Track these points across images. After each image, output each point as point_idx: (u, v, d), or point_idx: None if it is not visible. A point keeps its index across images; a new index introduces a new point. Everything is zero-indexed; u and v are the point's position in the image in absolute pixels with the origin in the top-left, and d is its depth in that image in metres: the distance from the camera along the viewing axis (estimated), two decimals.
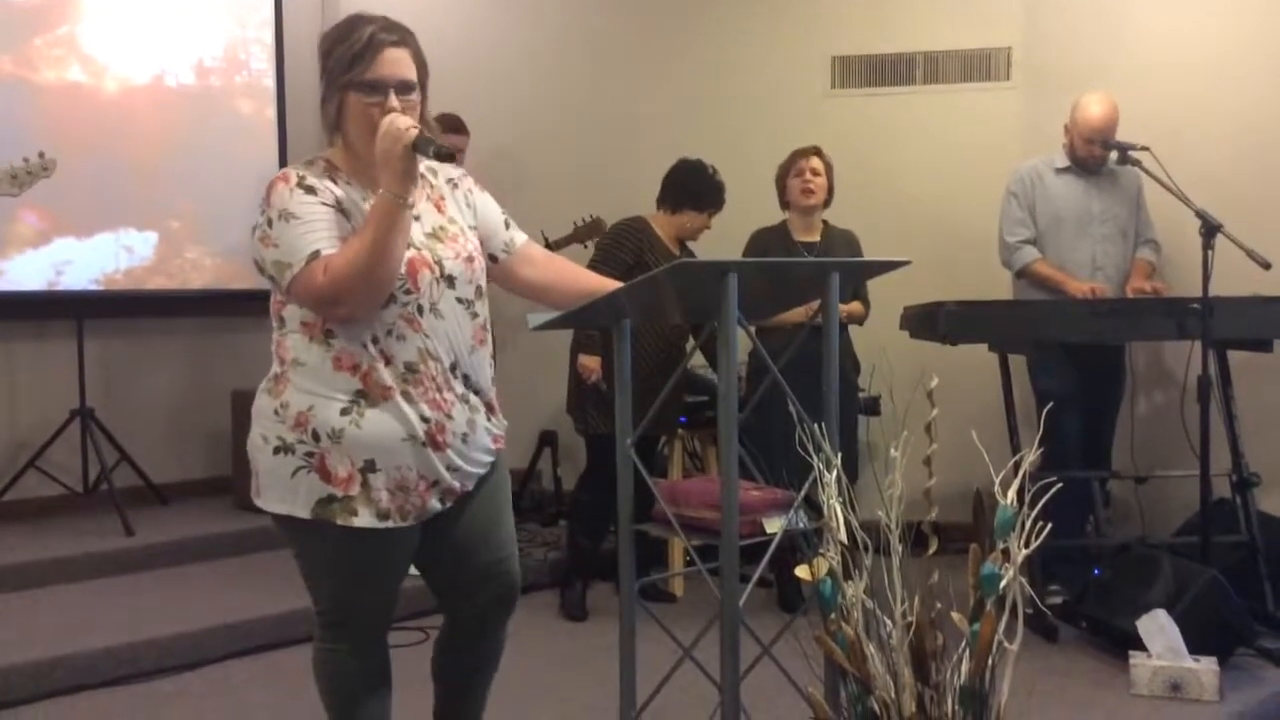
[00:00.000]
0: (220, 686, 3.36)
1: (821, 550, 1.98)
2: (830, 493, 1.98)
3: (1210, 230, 3.47)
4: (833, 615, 1.97)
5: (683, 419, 4.35)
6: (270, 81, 5.38)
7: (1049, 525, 1.86)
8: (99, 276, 4.85)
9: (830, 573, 1.96)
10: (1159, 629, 3.22)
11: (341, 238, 2.02)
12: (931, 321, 3.75)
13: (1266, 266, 3.53)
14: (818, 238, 4.11)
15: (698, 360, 4.35)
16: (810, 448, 2.03)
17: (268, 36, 5.38)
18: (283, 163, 5.38)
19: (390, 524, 2.08)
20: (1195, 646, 3.19)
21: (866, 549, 1.96)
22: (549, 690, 3.23)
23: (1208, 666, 3.15)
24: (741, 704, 2.08)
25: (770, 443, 2.79)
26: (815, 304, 3.21)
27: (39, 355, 4.80)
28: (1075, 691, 3.23)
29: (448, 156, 2.00)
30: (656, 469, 4.55)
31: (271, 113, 5.38)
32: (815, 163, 4.07)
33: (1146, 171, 3.80)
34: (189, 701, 3.24)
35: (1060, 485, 2.03)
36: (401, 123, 1.98)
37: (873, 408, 4.34)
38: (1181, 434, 3.83)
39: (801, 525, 2.24)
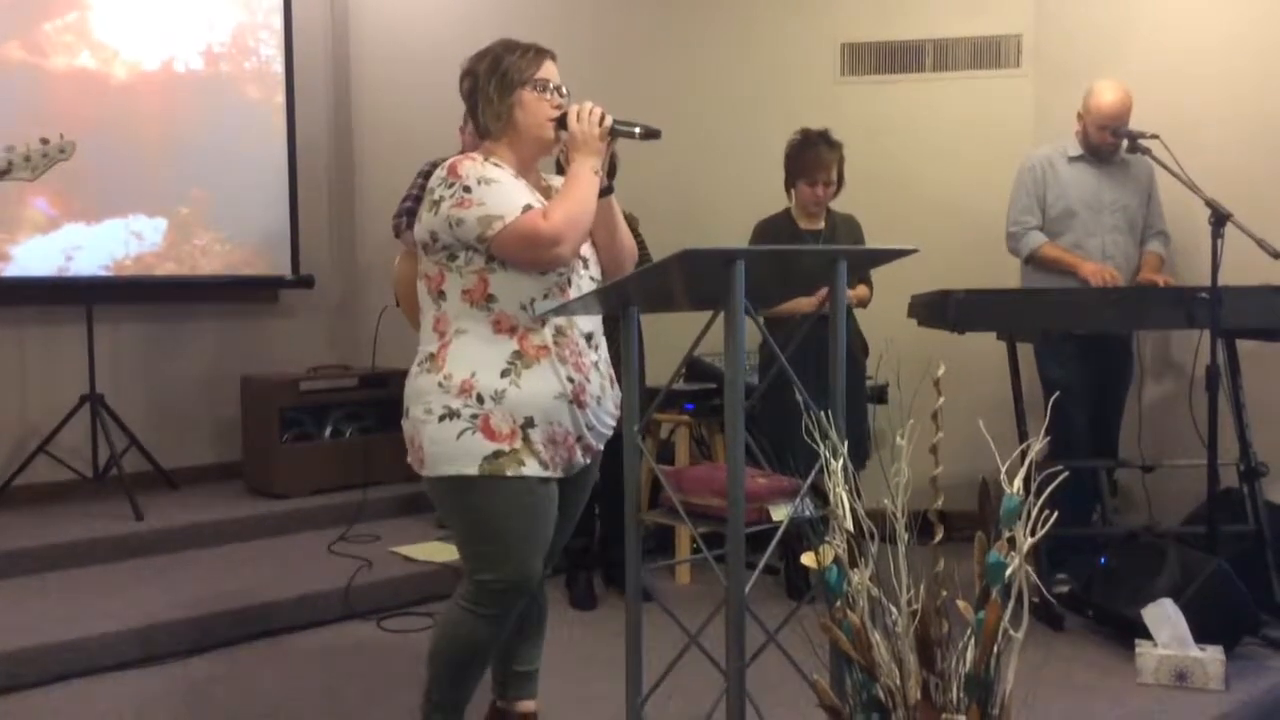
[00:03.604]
0: (229, 671, 3.37)
1: (827, 538, 1.99)
2: (836, 480, 1.98)
3: (1220, 219, 3.45)
4: (839, 603, 1.97)
5: (689, 405, 4.35)
6: (279, 68, 5.39)
7: (1055, 514, 1.86)
8: (109, 262, 4.87)
9: (836, 560, 1.97)
10: (1165, 618, 3.22)
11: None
12: (940, 309, 3.74)
13: (1276, 256, 3.51)
14: (822, 225, 4.10)
15: (704, 348, 4.37)
16: (817, 435, 2.04)
17: (277, 22, 5.38)
18: (292, 149, 5.41)
19: (549, 473, 2.35)
20: (1201, 636, 3.19)
21: (872, 537, 1.97)
22: (557, 677, 3.24)
23: (1213, 656, 3.15)
24: (747, 691, 2.09)
25: (783, 431, 2.80)
26: (824, 292, 3.21)
27: (49, 341, 4.82)
28: (1080, 680, 3.24)
29: (654, 134, 2.37)
30: (664, 457, 4.56)
31: (280, 99, 5.39)
32: (832, 174, 4.00)
33: (1156, 160, 3.78)
34: (198, 685, 3.25)
35: (1067, 474, 2.03)
36: (598, 110, 2.34)
37: (880, 395, 4.34)
38: (1189, 423, 3.82)
39: (808, 513, 2.24)
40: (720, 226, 4.86)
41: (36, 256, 4.67)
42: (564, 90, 2.43)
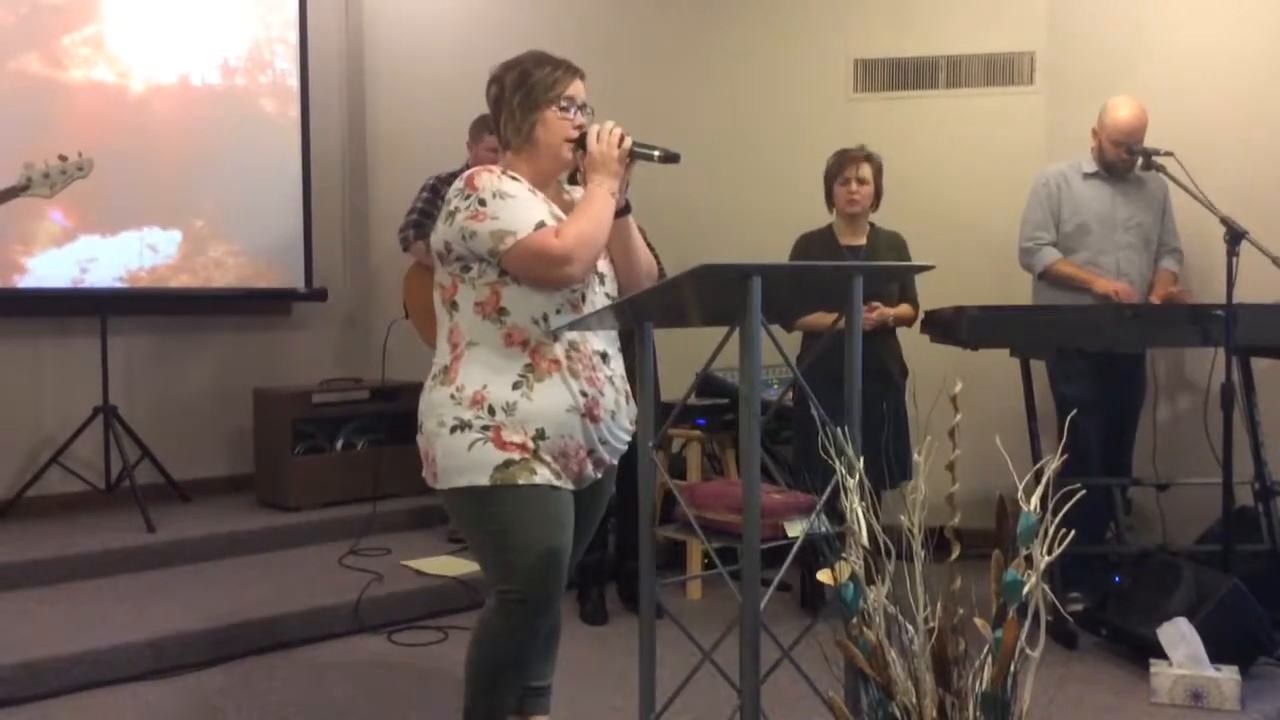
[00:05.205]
0: (240, 683, 3.37)
1: (844, 555, 1.98)
2: (853, 497, 1.97)
3: (1235, 237, 3.44)
4: (855, 620, 1.97)
5: (701, 420, 4.35)
6: (294, 81, 5.41)
7: (1071, 532, 1.85)
8: (123, 274, 4.89)
9: (853, 577, 1.96)
10: (1180, 637, 3.20)
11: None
12: (953, 326, 3.74)
13: None
14: (863, 240, 4.11)
15: (718, 363, 4.37)
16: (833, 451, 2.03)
17: (292, 36, 5.41)
18: (306, 162, 5.43)
19: (561, 483, 2.35)
20: (1216, 655, 3.17)
21: (889, 554, 1.96)
22: (568, 692, 3.23)
23: (1229, 675, 3.13)
24: (761, 708, 2.08)
25: (813, 446, 2.79)
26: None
27: (63, 352, 4.84)
28: (1096, 699, 3.22)
29: (674, 158, 2.35)
30: (676, 472, 4.55)
31: (295, 113, 5.42)
32: (864, 170, 4.03)
33: (1171, 177, 3.77)
34: (209, 698, 3.25)
35: (1083, 492, 2.02)
36: (618, 131, 2.34)
37: None
38: (1204, 441, 3.81)
39: (824, 529, 2.24)
40: (732, 242, 4.86)
41: (52, 268, 4.69)
42: (589, 109, 2.43)
